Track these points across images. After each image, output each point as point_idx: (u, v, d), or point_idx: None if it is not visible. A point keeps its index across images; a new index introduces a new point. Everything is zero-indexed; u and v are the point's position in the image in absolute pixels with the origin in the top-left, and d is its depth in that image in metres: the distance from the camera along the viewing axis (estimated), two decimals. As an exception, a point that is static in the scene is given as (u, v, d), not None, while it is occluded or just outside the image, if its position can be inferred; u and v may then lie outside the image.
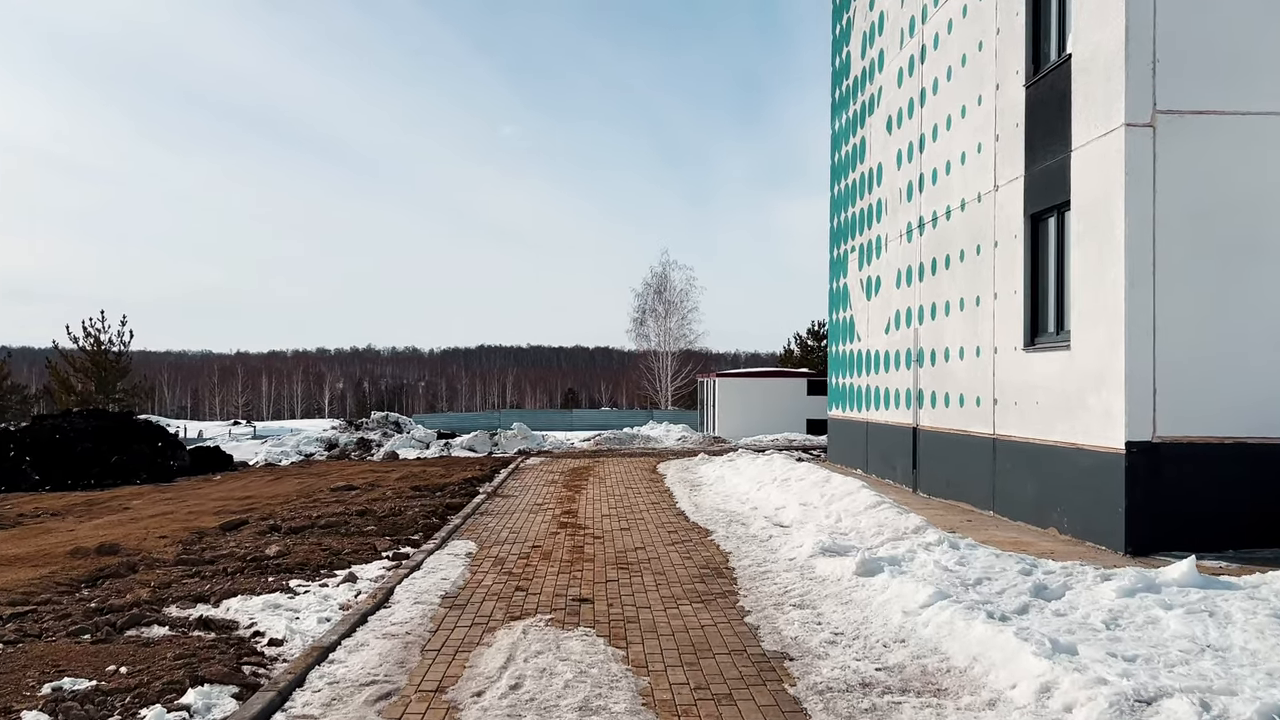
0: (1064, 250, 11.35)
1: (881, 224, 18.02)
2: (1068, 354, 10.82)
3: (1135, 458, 9.64)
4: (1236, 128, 9.76)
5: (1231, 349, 9.70)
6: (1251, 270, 9.74)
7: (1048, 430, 11.30)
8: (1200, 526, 9.64)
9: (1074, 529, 10.68)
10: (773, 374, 36.05)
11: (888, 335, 17.47)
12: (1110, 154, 9.97)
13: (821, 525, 10.95)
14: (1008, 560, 8.15)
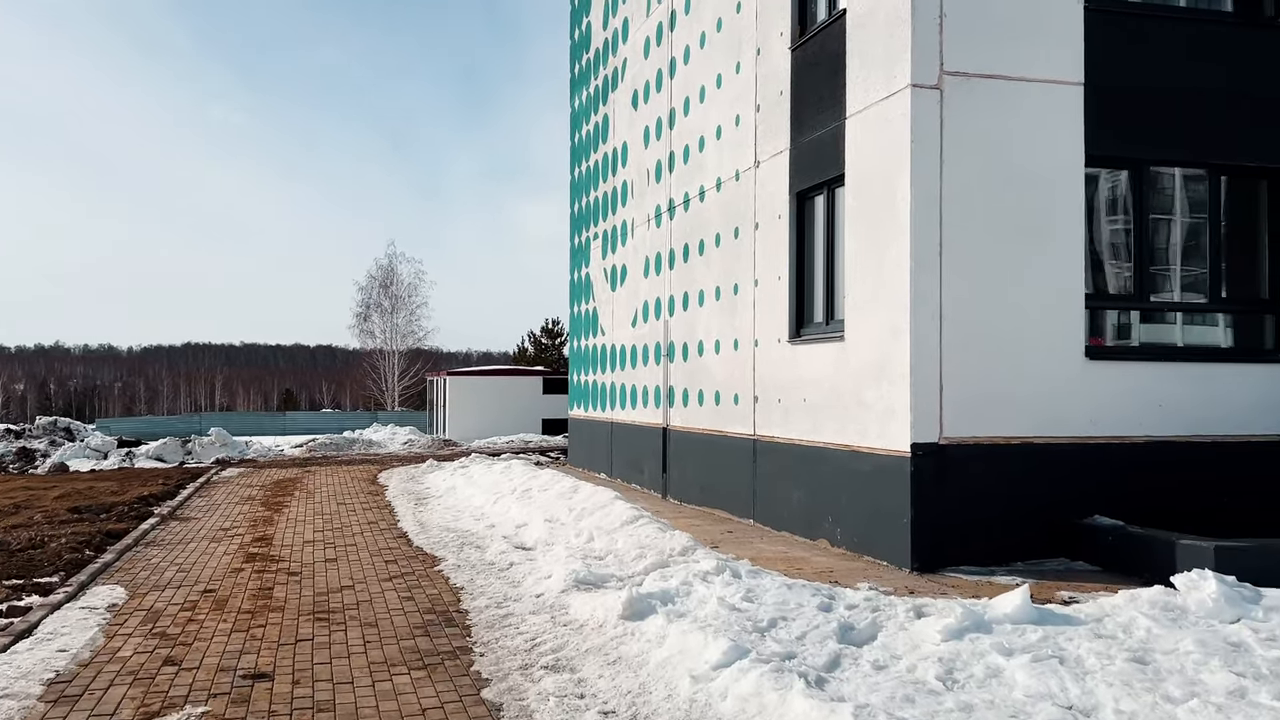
0: (835, 231, 10.22)
1: (628, 208, 16.60)
2: (841, 346, 9.68)
3: (921, 461, 8.55)
4: (1026, 95, 8.90)
5: (1020, 340, 8.83)
6: (1042, 253, 8.91)
7: (817, 431, 10.13)
8: (989, 537, 8.70)
9: (849, 541, 9.53)
10: (507, 372, 34.22)
11: (635, 328, 16.06)
12: (893, 119, 8.86)
13: (572, 547, 9.22)
14: (802, 593, 6.72)
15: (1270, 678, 4.91)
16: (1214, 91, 9.34)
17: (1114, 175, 9.38)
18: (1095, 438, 8.96)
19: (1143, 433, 9.07)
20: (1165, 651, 5.27)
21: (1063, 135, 8.97)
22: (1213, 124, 9.36)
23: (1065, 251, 8.95)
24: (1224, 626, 5.51)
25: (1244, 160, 9.48)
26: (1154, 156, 9.32)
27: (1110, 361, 9.07)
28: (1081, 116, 9.00)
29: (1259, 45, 9.50)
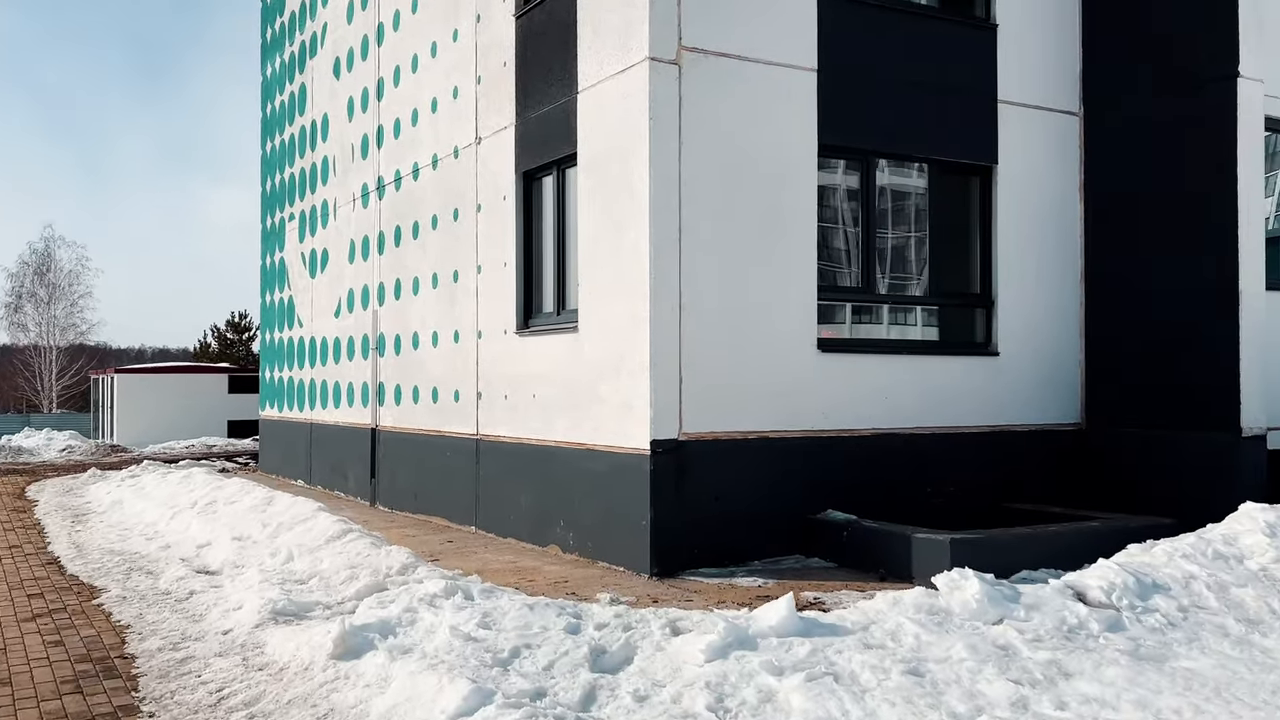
0: (566, 214, 9.52)
1: (330, 186, 15.13)
2: (574, 337, 8.99)
3: (662, 459, 8.02)
4: (765, 78, 8.58)
5: (757, 331, 8.51)
6: (778, 243, 8.63)
7: (548, 428, 9.40)
8: (729, 537, 8.31)
9: (583, 546, 8.87)
10: (187, 369, 31.07)
11: (339, 319, 14.64)
12: (631, 94, 8.27)
13: (268, 570, 7.94)
14: (546, 613, 5.93)
15: (1045, 683, 4.67)
16: (933, 86, 9.48)
17: (845, 166, 9.31)
18: (828, 431, 8.82)
19: (871, 425, 9.03)
20: (938, 660, 4.95)
21: (799, 122, 8.75)
22: (932, 119, 9.50)
23: (800, 242, 8.73)
24: (989, 628, 5.28)
25: (959, 157, 9.70)
26: (881, 149, 9.33)
27: (840, 354, 8.97)
28: (815, 104, 8.83)
29: (972, 44, 9.75)
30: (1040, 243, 10.03)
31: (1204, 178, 9.20)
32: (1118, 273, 9.90)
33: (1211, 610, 5.51)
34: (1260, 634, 5.30)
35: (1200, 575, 5.79)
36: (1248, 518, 6.43)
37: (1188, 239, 9.30)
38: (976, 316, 9.92)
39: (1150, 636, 5.22)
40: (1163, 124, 9.53)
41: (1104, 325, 10.01)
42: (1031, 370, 9.92)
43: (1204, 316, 9.14)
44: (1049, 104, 10.12)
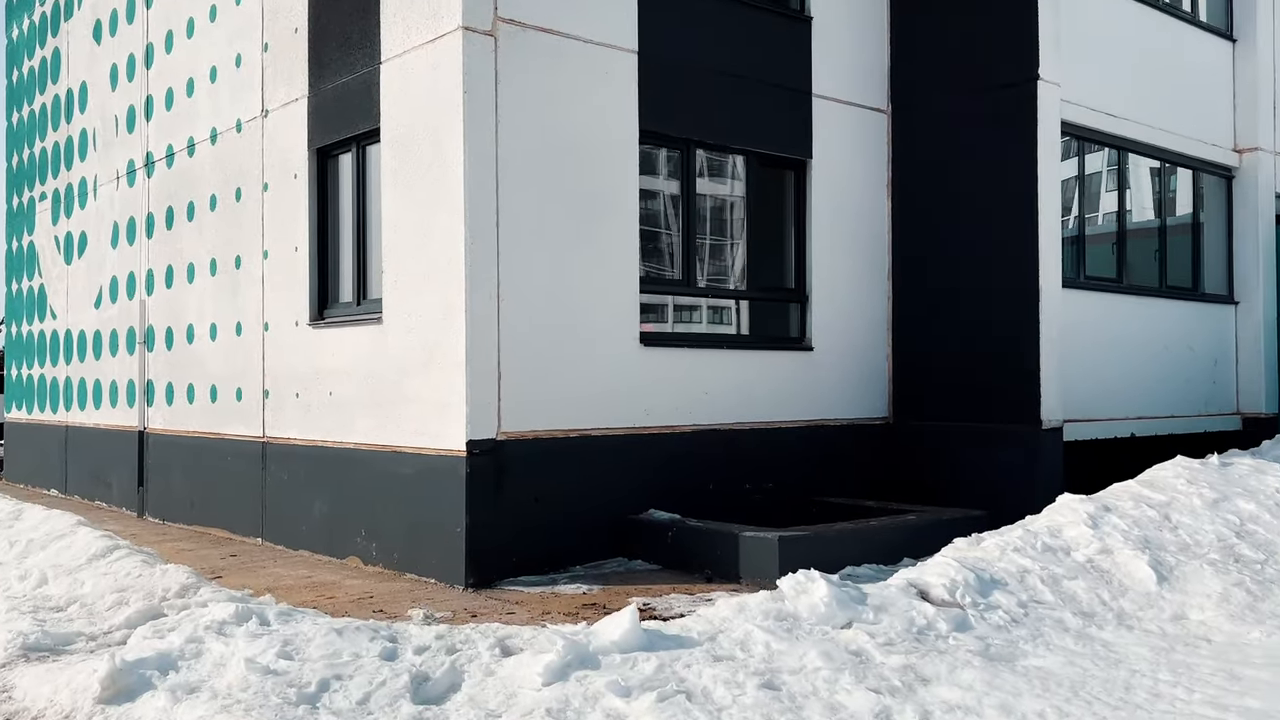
0: (368, 195, 8.76)
1: (88, 162, 13.56)
2: (379, 329, 8.26)
3: (479, 461, 7.44)
4: (585, 57, 8.14)
5: (579, 324, 8.06)
6: (600, 231, 8.21)
7: (347, 429, 8.61)
8: (548, 541, 7.83)
9: (388, 557, 8.16)
10: (-85, 366, 27.55)
11: (100, 310, 13.13)
12: (442, 65, 7.63)
13: (16, 596, 6.83)
14: (357, 638, 5.25)
15: (905, 691, 4.45)
16: (751, 77, 9.32)
17: (666, 154, 9.00)
18: (650, 428, 8.48)
19: (692, 422, 8.77)
20: (793, 670, 4.65)
21: (620, 106, 8.36)
22: (750, 110, 9.34)
23: (622, 232, 8.35)
24: (839, 633, 5.04)
25: (776, 150, 9.59)
26: (701, 139, 9.07)
27: (662, 348, 8.65)
28: (636, 88, 8.47)
29: (789, 36, 9.66)
30: (852, 238, 10.07)
31: (1005, 177, 9.45)
32: (924, 269, 10.06)
33: (1049, 605, 5.49)
34: (1096, 627, 5.31)
35: (1034, 569, 5.78)
36: (1068, 509, 6.53)
37: (990, 237, 9.53)
38: (792, 311, 9.84)
39: (997, 635, 5.12)
40: (967, 124, 9.74)
41: (911, 321, 10.16)
42: (844, 365, 9.95)
43: (1006, 313, 9.39)
44: (860, 100, 10.18)
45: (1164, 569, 5.82)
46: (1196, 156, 11.83)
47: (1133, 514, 6.40)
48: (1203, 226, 12.23)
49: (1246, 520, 6.40)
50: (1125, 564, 5.86)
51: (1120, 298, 10.88)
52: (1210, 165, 12.11)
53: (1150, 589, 5.66)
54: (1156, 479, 7.01)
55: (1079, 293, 10.11)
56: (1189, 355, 11.65)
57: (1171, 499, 6.65)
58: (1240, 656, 4.80)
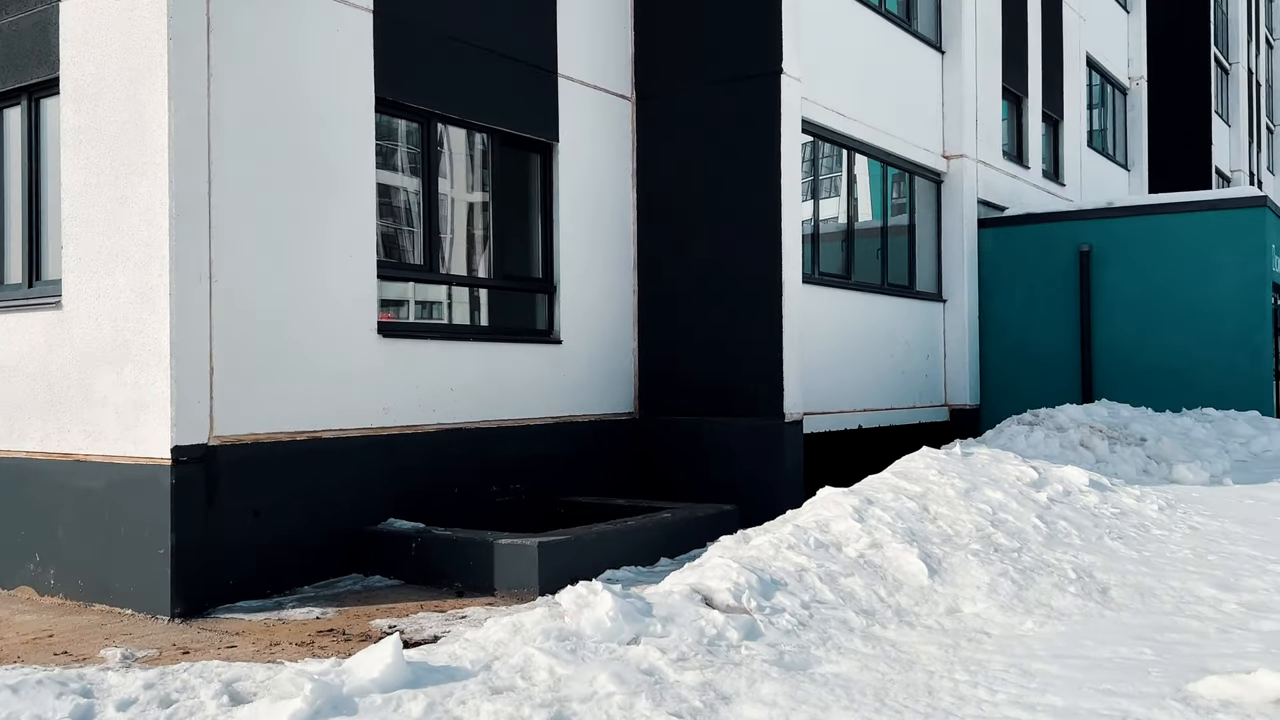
0: (42, 156, 7.37)
1: None
2: (58, 317, 6.94)
3: (187, 470, 6.37)
4: (313, 10, 7.21)
5: (309, 312, 7.13)
6: (333, 209, 7.30)
7: (17, 437, 7.19)
8: (272, 560, 6.86)
9: (71, 586, 6.86)
10: None
11: None
12: (141, 6, 6.47)
13: None
14: (39, 696, 4.14)
15: (707, 712, 4.04)
16: (497, 50, 8.70)
17: (406, 127, 8.21)
18: (389, 428, 7.68)
19: (436, 420, 8.04)
20: (583, 699, 4.12)
21: (354, 69, 7.49)
22: (496, 86, 8.73)
23: (356, 209, 7.48)
24: (628, 650, 4.57)
25: (522, 130, 9.02)
26: (444, 112, 8.34)
27: (403, 340, 7.86)
28: (372, 49, 7.63)
29: (535, 10, 9.12)
30: (600, 228, 9.69)
31: (749, 171, 9.40)
32: (669, 262, 9.84)
33: (831, 604, 5.29)
34: (880, 625, 5.16)
35: (811, 567, 5.59)
36: (832, 503, 6.42)
37: (734, 231, 9.45)
38: (540, 302, 9.32)
39: (787, 641, 4.83)
40: (710, 115, 9.61)
41: (656, 314, 9.92)
42: (593, 359, 9.55)
43: (750, 307, 9.33)
44: (606, 85, 9.81)
45: (933, 561, 5.80)
46: (913, 160, 12.42)
47: (894, 506, 6.39)
48: (917, 228, 12.88)
49: (997, 509, 6.56)
50: (896, 558, 5.80)
51: (849, 294, 11.20)
52: (924, 170, 12.78)
53: (923, 582, 5.61)
54: (909, 470, 7.08)
55: (814, 288, 10.27)
56: (906, 350, 12.21)
57: (927, 490, 6.72)
58: (1024, 650, 4.77)
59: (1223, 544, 6.56)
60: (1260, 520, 7.14)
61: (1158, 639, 4.89)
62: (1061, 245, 13.07)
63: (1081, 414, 9.75)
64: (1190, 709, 3.90)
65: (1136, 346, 12.44)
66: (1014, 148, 15.17)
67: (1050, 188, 16.22)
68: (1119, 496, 7.26)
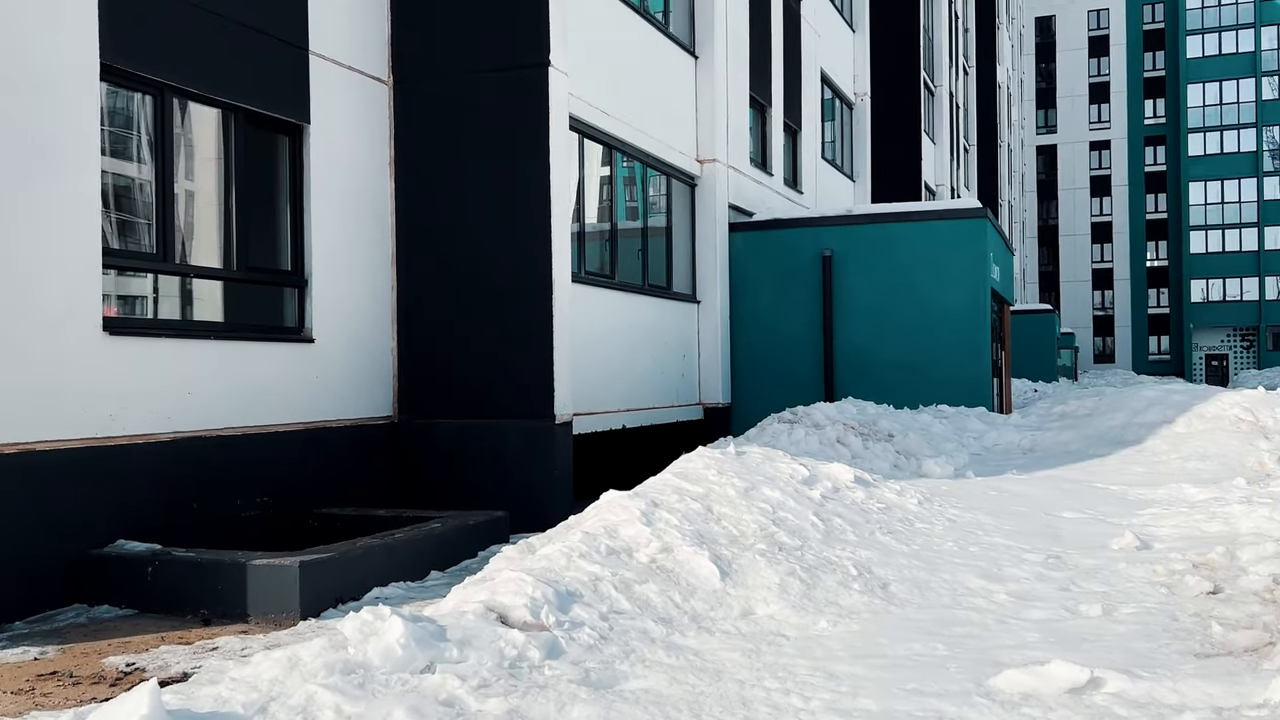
0: None
1: None
2: None
3: None
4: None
5: (18, 304, 6.14)
6: (48, 186, 6.33)
7: None
8: (-24, 594, 5.87)
9: None
10: None
11: None
12: None
13: None
14: None
15: (520, 742, 3.72)
16: (241, 20, 7.91)
17: (138, 99, 7.28)
18: (118, 438, 6.76)
19: (172, 428, 7.18)
20: (380, 739, 3.69)
21: (74, 30, 6.54)
22: (241, 60, 7.93)
23: (78, 190, 6.54)
24: (424, 679, 4.15)
25: (269, 109, 8.25)
26: (181, 84, 7.46)
27: (134, 337, 6.96)
28: (97, 12, 6.70)
29: (286, -18, 8.39)
30: (355, 218, 9.06)
31: (517, 165, 9.09)
32: (432, 257, 9.35)
33: (629, 614, 5.09)
34: (679, 634, 5.01)
35: (605, 576, 5.36)
36: (618, 507, 6.23)
37: (502, 227, 9.11)
38: (289, 297, 8.57)
39: (591, 657, 4.58)
40: (475, 104, 9.22)
41: (418, 312, 9.40)
42: (348, 359, 8.90)
43: (518, 305, 9.03)
44: (362, 66, 9.18)
45: (724, 563, 5.73)
46: (670, 163, 12.53)
47: (680, 508, 6.29)
48: (674, 230, 13.01)
49: (777, 507, 6.60)
50: (688, 561, 5.68)
51: (613, 293, 11.12)
52: (680, 172, 12.92)
53: (716, 586, 5.52)
54: (688, 471, 7.02)
55: (582, 287, 10.10)
56: (665, 350, 12.29)
57: (709, 490, 6.67)
58: (824, 652, 4.76)
59: (979, 535, 6.93)
60: (1006, 511, 7.63)
61: (945, 633, 5.02)
62: (806, 250, 13.62)
63: (835, 411, 10.14)
64: (996, 704, 3.98)
65: (874, 346, 13.15)
66: (759, 155, 15.69)
67: (791, 195, 16.92)
68: (882, 491, 7.54)
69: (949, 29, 35.74)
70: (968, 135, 42.45)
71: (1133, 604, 5.46)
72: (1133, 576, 6.01)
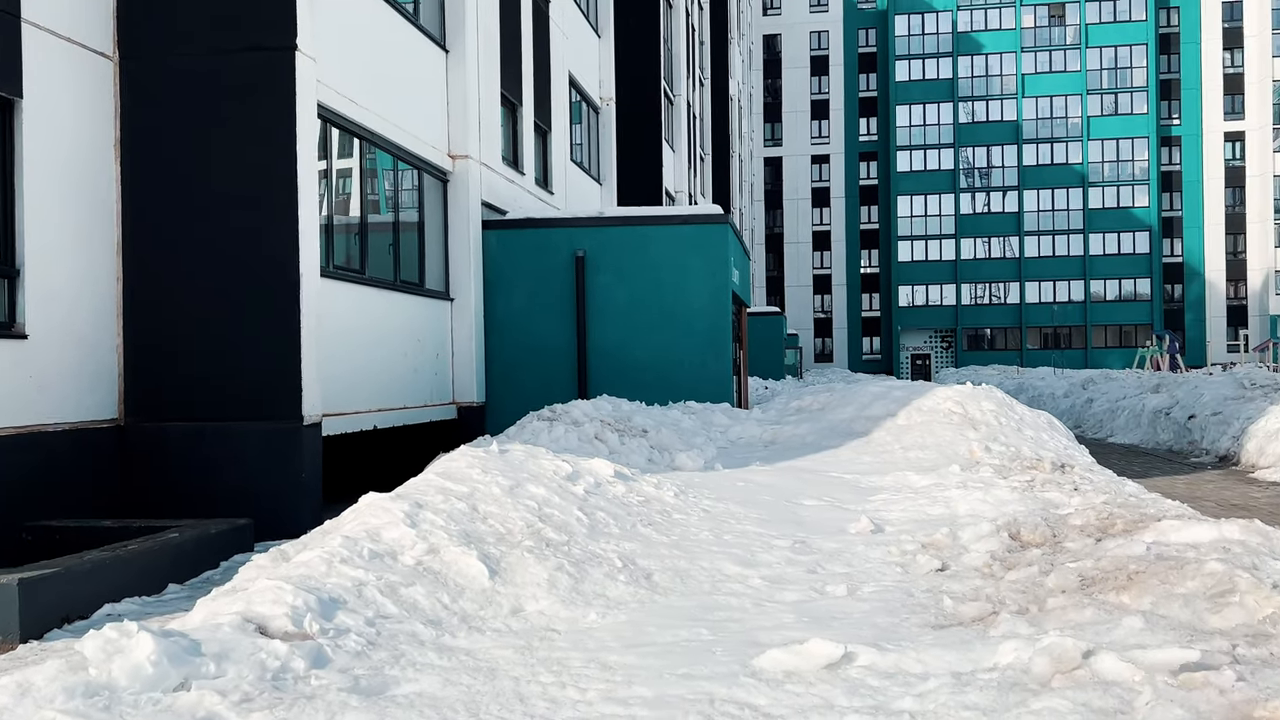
0: None
1: None
2: None
3: None
4: None
5: None
6: None
7: None
8: None
9: None
10: None
11: None
12: None
13: None
14: None
15: (291, 756, 3.54)
16: (-58, -22, 7.07)
17: None
18: None
19: None
20: (132, 765, 3.40)
21: None
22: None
23: None
24: (177, 697, 3.86)
25: (-26, 79, 7.42)
26: None
27: None
28: None
29: (-7, -62, 7.55)
30: (76, 203, 8.29)
31: (261, 153, 8.62)
32: (165, 247, 8.69)
33: (396, 618, 4.94)
34: (449, 635, 4.92)
35: (369, 580, 5.18)
36: (380, 509, 6.03)
37: (245, 218, 8.61)
38: None
39: (359, 664, 4.42)
40: (215, 87, 8.67)
41: (148, 306, 8.70)
42: (67, 357, 8.13)
43: (264, 300, 8.57)
44: (83, 39, 8.41)
45: (492, 562, 5.68)
46: (422, 157, 12.28)
47: (445, 508, 6.17)
48: (426, 225, 12.76)
49: (542, 504, 6.61)
50: (455, 562, 5.59)
51: (364, 289, 10.76)
52: (432, 167, 12.69)
53: (485, 584, 5.47)
54: (452, 470, 6.90)
55: (330, 282, 9.72)
56: (418, 348, 12.04)
57: (474, 489, 6.58)
58: (596, 644, 4.82)
59: (732, 524, 7.24)
60: (754, 500, 8.01)
61: (709, 619, 5.22)
62: (559, 250, 13.73)
63: (591, 409, 10.28)
64: (763, 683, 4.18)
65: (626, 345, 13.45)
66: (511, 154, 15.66)
67: (542, 195, 17.00)
68: (641, 485, 7.72)
69: (686, 40, 37.11)
70: (703, 144, 44.21)
71: (873, 583, 5.89)
72: (871, 558, 6.48)
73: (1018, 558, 6.06)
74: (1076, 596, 5.07)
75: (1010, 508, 7.50)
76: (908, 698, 3.97)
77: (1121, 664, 3.85)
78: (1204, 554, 5.28)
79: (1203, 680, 3.65)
